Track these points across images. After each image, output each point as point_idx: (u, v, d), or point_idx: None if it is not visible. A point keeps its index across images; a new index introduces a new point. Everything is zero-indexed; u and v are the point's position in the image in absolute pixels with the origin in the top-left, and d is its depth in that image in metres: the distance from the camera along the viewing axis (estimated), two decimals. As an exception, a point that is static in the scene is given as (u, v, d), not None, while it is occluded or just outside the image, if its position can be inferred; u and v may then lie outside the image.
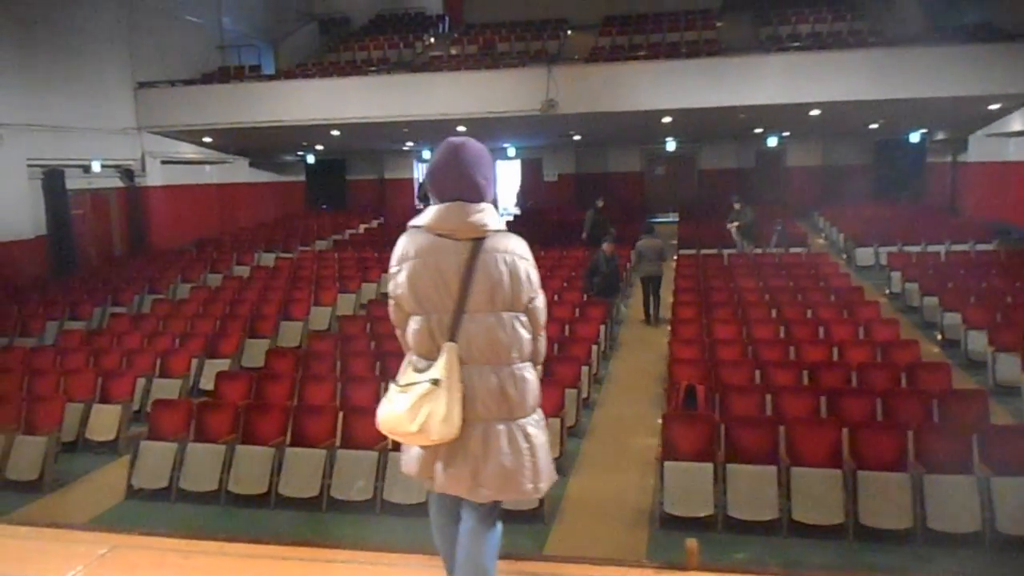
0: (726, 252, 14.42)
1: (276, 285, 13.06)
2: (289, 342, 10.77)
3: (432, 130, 18.10)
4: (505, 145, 22.92)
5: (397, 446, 5.54)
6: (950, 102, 14.43)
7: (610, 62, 15.85)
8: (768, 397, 6.74)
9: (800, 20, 18.57)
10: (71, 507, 6.59)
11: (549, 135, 20.14)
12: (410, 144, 21.75)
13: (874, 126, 18.46)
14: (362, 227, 21.31)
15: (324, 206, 24.48)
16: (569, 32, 20.73)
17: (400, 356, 2.76)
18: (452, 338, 2.53)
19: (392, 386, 2.63)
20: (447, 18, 23.60)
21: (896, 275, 12.36)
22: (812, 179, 21.33)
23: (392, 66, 18.82)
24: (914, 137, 19.75)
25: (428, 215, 2.61)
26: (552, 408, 6.94)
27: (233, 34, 20.81)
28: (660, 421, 7.55)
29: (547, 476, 2.64)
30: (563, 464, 6.62)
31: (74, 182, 15.54)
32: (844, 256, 15.73)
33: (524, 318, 2.62)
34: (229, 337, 9.81)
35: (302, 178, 24.36)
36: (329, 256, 15.88)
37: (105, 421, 7.65)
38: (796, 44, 16.13)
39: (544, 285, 2.64)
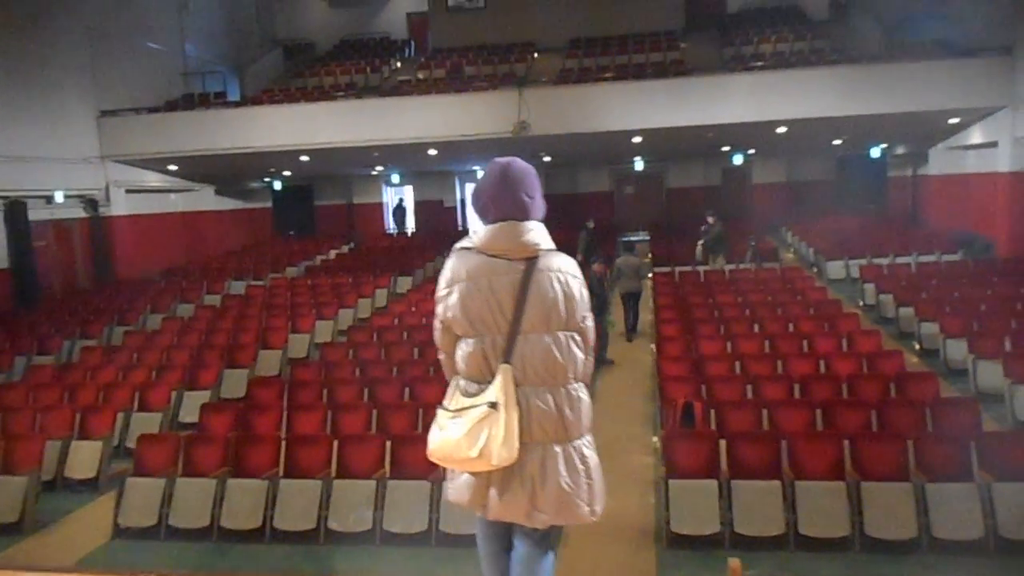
0: (701, 269, 14.51)
1: (251, 313, 12.85)
2: (269, 371, 10.56)
3: (403, 154, 18.09)
4: (474, 168, 22.94)
5: (398, 474, 5.47)
6: (911, 117, 14.76)
7: (580, 84, 15.96)
8: (764, 412, 6.75)
9: (762, 40, 18.95)
10: (55, 549, 6.33)
11: (520, 157, 20.15)
12: (380, 168, 21.64)
13: (838, 142, 18.84)
14: (332, 252, 21.09)
15: (292, 232, 24.21)
16: (536, 55, 20.91)
17: (389, 384, 2.72)
18: (507, 359, 2.49)
19: (441, 412, 2.57)
20: (412, 43, 23.65)
21: (870, 287, 12.57)
22: (777, 195, 21.69)
23: (360, 91, 18.78)
24: (875, 152, 20.20)
25: (479, 236, 2.58)
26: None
27: (196, 61, 20.60)
28: (656, 439, 7.59)
29: (601, 498, 2.60)
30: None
31: (36, 213, 15.16)
32: (815, 270, 15.96)
33: (578, 337, 2.58)
34: (208, 368, 9.59)
35: (269, 205, 24.08)
36: (302, 283, 15.68)
37: (85, 458, 7.40)
38: (760, 64, 16.42)
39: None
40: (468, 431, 2.44)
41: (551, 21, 21.98)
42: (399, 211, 24.76)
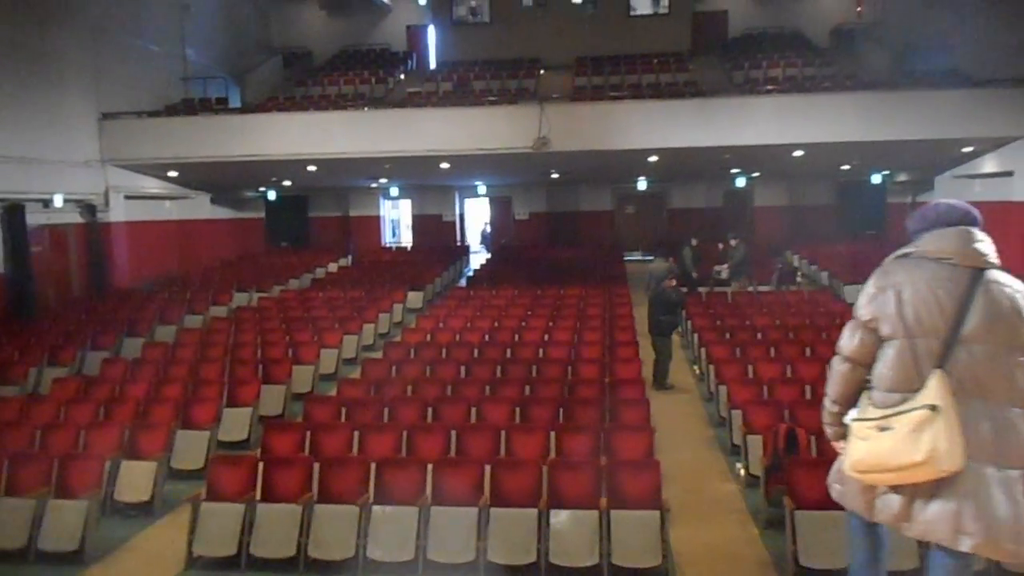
0: (728, 291, 14.43)
1: (271, 327, 12.39)
2: (302, 387, 10.16)
3: (414, 166, 17.76)
4: (476, 183, 22.69)
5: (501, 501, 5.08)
6: (927, 144, 14.94)
7: (601, 101, 15.86)
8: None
9: (771, 64, 19.08)
10: (125, 580, 5.86)
11: (529, 173, 20.03)
12: (383, 180, 21.28)
13: (846, 167, 19.03)
14: (332, 266, 20.62)
15: (284, 244, 23.65)
16: (543, 71, 20.77)
17: (455, 403, 2.46)
18: (941, 365, 2.29)
19: (856, 424, 2.41)
20: (414, 55, 23.36)
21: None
22: (778, 218, 21.82)
23: (369, 101, 18.43)
24: (876, 178, 20.45)
25: (923, 240, 2.56)
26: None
27: (196, 66, 20.06)
28: (740, 467, 7.35)
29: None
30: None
31: (33, 217, 14.48)
32: (831, 293, 15.98)
33: (1022, 358, 2.40)
34: (245, 384, 9.10)
35: (261, 215, 23.50)
36: (313, 296, 15.20)
37: (137, 480, 6.89)
38: (776, 88, 16.49)
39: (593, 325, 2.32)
40: (907, 435, 2.29)
41: (556, 39, 21.93)
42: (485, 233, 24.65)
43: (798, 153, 16.00)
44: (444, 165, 17.15)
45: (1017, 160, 14.63)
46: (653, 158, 16.49)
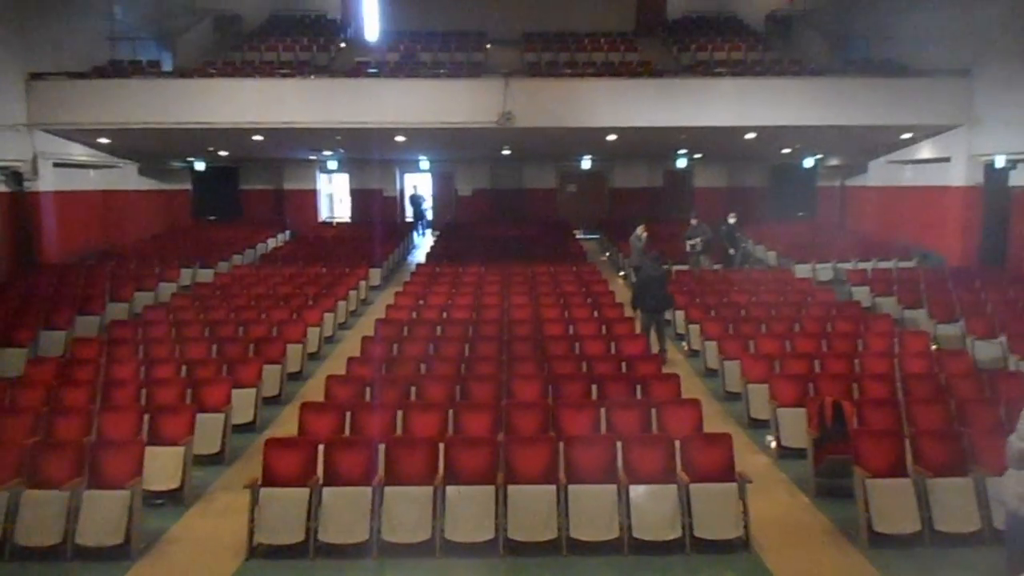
0: (695, 270, 14.73)
1: (240, 304, 11.80)
2: (293, 367, 9.76)
3: (368, 139, 17.22)
4: (420, 158, 22.23)
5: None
6: (870, 130, 15.65)
7: (566, 77, 15.76)
8: (902, 410, 6.85)
9: (716, 48, 19.47)
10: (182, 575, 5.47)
11: (482, 148, 19.77)
12: (327, 153, 20.52)
13: (786, 151, 19.69)
14: (271, 241, 19.80)
15: (212, 217, 22.52)
16: (488, 46, 20.49)
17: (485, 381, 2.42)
18: None
19: None
20: (352, 23, 22.53)
21: (861, 290, 13.14)
22: (718, 199, 22.38)
23: (316, 69, 17.69)
24: (808, 163, 21.28)
25: None
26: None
27: (122, 26, 18.69)
28: (771, 438, 7.53)
29: None
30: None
31: (-48, 186, 13.26)
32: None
33: None
34: (245, 364, 8.62)
35: (187, 186, 22.27)
36: (271, 273, 14.51)
37: (165, 466, 6.43)
38: (728, 71, 16.84)
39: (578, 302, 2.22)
40: None
41: (500, 12, 21.68)
42: (416, 200, 23.77)
43: (750, 135, 16.46)
44: (399, 138, 16.71)
45: (952, 147, 15.50)
46: (612, 137, 16.58)
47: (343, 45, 20.80)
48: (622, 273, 16.92)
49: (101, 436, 6.65)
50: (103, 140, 16.47)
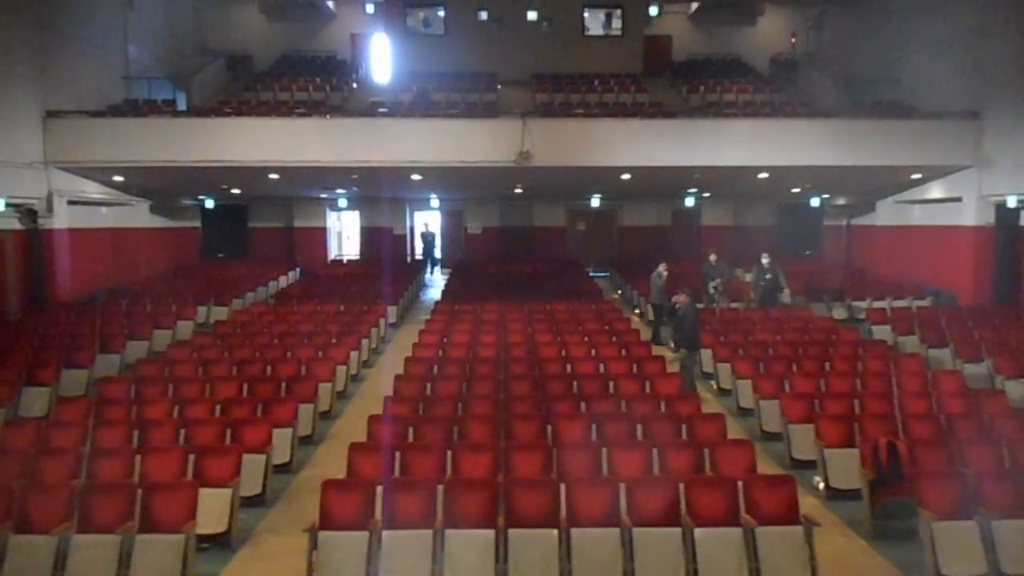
0: (716, 308, 14.74)
1: (263, 342, 11.70)
2: (322, 405, 9.65)
3: (384, 177, 17.29)
4: (431, 196, 22.31)
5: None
6: (883, 170, 15.84)
7: (584, 118, 15.93)
8: (957, 449, 6.82)
9: (724, 90, 19.75)
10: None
11: (494, 187, 19.87)
12: (341, 191, 20.58)
13: (796, 190, 19.87)
14: (281, 279, 19.74)
15: (221, 255, 22.47)
16: (499, 87, 20.72)
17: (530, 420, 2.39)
18: None
19: None
20: (365, 64, 22.78)
21: (882, 328, 13.16)
22: (724, 237, 22.52)
23: (331, 109, 17.82)
24: (814, 202, 21.49)
25: None
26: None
27: (137, 66, 18.84)
28: (818, 479, 7.45)
29: None
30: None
31: (-30, 222, 13.20)
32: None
33: None
34: (279, 404, 8.53)
35: (196, 224, 22.26)
36: (288, 311, 14.45)
37: (212, 509, 6.30)
38: (740, 112, 17.07)
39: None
40: None
41: (511, 54, 21.95)
42: (427, 237, 23.74)
43: (763, 175, 16.62)
44: (416, 177, 16.79)
45: (963, 187, 15.68)
46: (626, 176, 16.70)
47: (355, 85, 20.97)
48: (637, 311, 16.92)
49: (145, 478, 6.52)
50: (118, 178, 16.48)
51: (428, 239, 23.82)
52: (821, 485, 7.45)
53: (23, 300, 14.85)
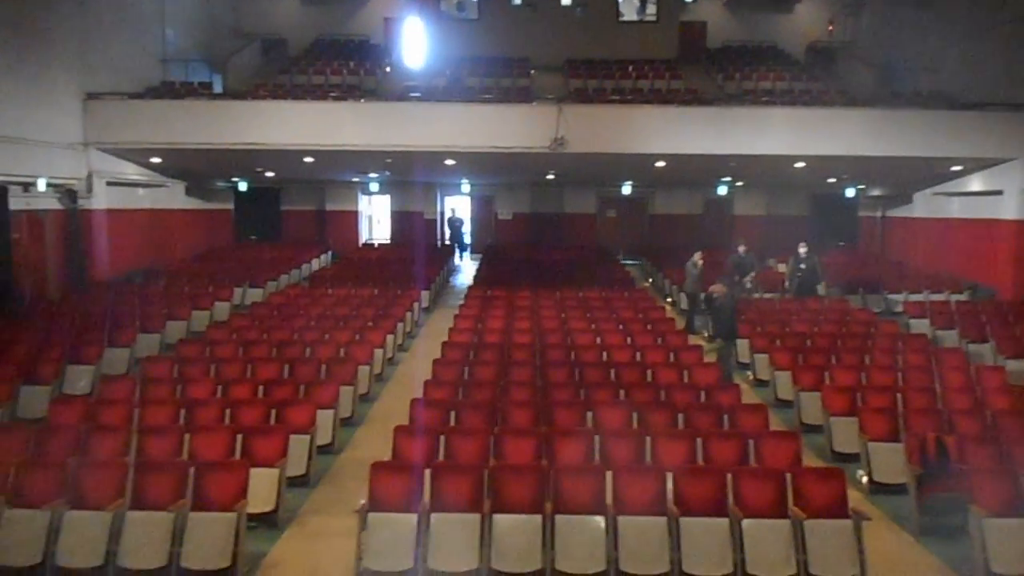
0: (754, 297, 14.67)
1: (301, 325, 11.77)
2: (360, 388, 9.72)
3: (417, 162, 17.32)
4: (461, 181, 22.33)
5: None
6: (923, 161, 15.59)
7: (620, 104, 15.85)
8: (1004, 446, 6.73)
9: (761, 77, 19.52)
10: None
11: (526, 173, 19.83)
12: (374, 175, 20.65)
13: (831, 180, 19.63)
14: (314, 262, 19.88)
15: (253, 237, 22.66)
16: (532, 72, 20.62)
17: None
18: None
19: None
20: (398, 47, 22.76)
21: (920, 322, 13.00)
22: (756, 227, 22.35)
23: (365, 93, 17.85)
24: (849, 192, 21.21)
25: None
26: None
27: (173, 48, 18.98)
28: (861, 473, 7.40)
29: None
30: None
31: (12, 202, 13.35)
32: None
33: None
34: (320, 386, 8.61)
35: (229, 206, 22.45)
36: (323, 294, 14.56)
37: (260, 489, 6.38)
38: (778, 100, 16.86)
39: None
40: None
41: (544, 40, 21.81)
42: (454, 222, 23.81)
43: (800, 164, 16.43)
44: (450, 162, 16.80)
45: (1004, 180, 15.41)
46: (660, 163, 16.59)
47: (388, 70, 20.97)
48: (669, 299, 16.85)
49: (194, 457, 6.61)
50: (155, 159, 16.64)
51: (455, 225, 23.85)
52: (864, 479, 7.39)
53: (62, 279, 15.08)
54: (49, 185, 14.13)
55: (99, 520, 5.64)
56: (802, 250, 14.42)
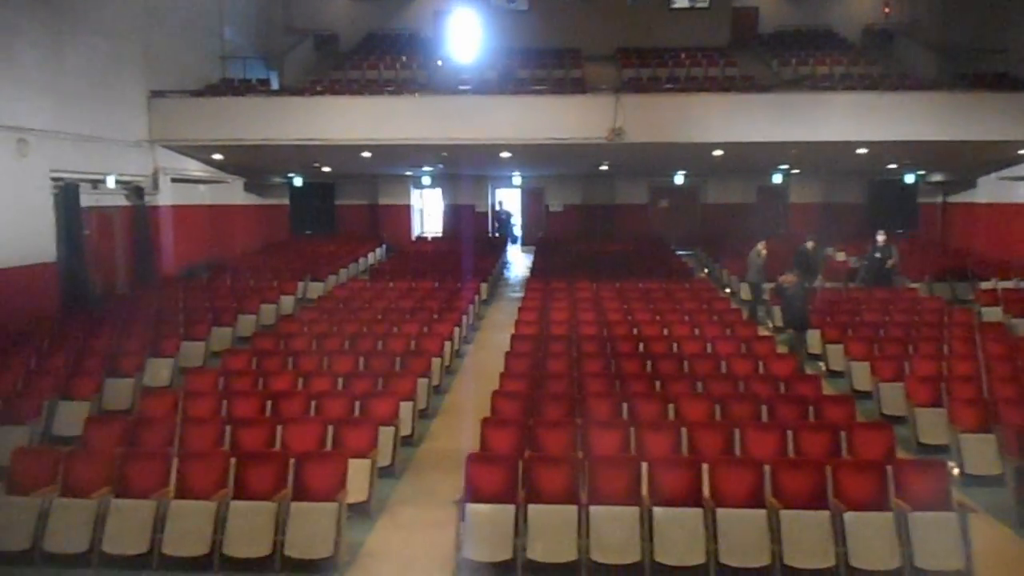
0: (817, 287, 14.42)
1: (368, 318, 11.92)
2: (433, 380, 9.81)
3: (471, 154, 17.38)
4: (513, 173, 22.36)
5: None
6: (988, 145, 15.21)
7: (677, 93, 15.72)
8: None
9: (817, 62, 19.18)
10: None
11: (580, 164, 19.78)
12: (428, 169, 20.78)
13: (893, 166, 19.24)
14: (370, 256, 20.09)
15: (308, 232, 22.97)
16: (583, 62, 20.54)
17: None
18: None
19: None
20: (450, 41, 22.81)
21: (992, 311, 12.71)
22: (812, 215, 22.03)
23: (420, 87, 17.94)
24: (909, 178, 20.76)
25: None
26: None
27: (231, 46, 19.27)
28: (953, 465, 7.28)
29: None
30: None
31: (83, 199, 13.70)
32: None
33: None
34: (398, 378, 8.71)
35: (285, 201, 22.78)
36: (384, 287, 14.70)
37: (352, 479, 6.47)
38: (836, 85, 16.55)
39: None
40: None
41: (595, 29, 21.71)
42: (502, 215, 23.91)
43: (862, 151, 16.13)
44: (505, 154, 16.82)
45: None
46: (718, 152, 16.42)
47: (440, 63, 21.04)
48: (728, 290, 16.69)
49: (288, 448, 6.75)
50: (217, 156, 16.93)
51: (503, 218, 23.91)
52: (956, 471, 7.27)
53: (130, 275, 15.45)
54: (117, 182, 14.51)
55: (204, 509, 5.78)
56: (880, 238, 14.12)
